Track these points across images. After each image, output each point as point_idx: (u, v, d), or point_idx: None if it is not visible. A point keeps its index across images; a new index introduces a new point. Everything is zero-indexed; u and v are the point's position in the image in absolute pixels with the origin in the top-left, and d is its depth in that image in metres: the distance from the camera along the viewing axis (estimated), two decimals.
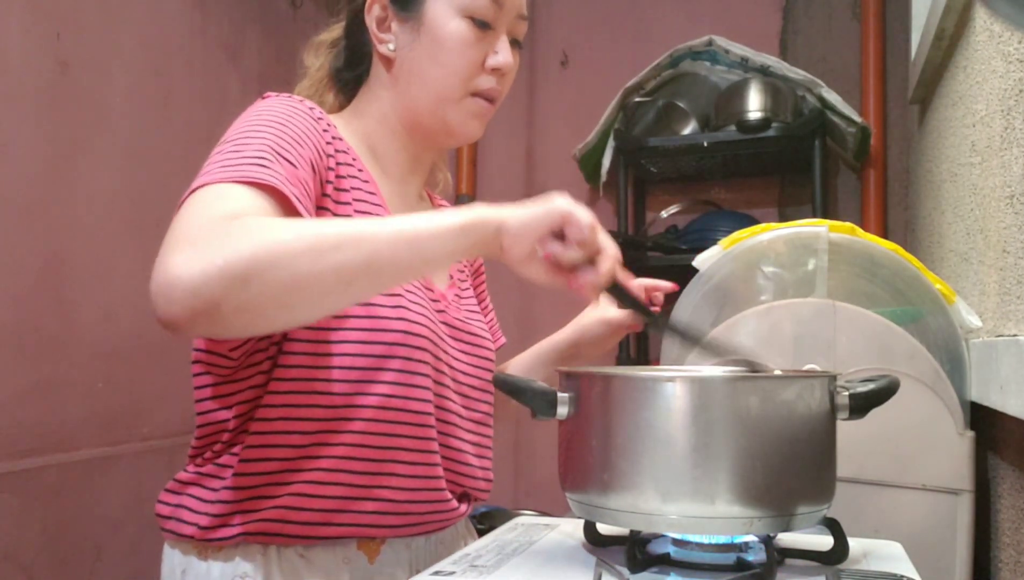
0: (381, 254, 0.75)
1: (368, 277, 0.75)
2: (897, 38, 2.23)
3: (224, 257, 0.68)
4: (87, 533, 1.80)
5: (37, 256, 1.70)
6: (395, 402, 0.89)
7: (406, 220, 0.77)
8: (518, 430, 2.56)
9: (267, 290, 0.69)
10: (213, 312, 0.68)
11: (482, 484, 1.03)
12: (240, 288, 0.68)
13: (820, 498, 0.75)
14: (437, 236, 0.77)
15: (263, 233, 0.71)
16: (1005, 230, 0.96)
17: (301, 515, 0.86)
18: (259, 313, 0.71)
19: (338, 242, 0.73)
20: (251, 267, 0.68)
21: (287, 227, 0.73)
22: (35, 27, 1.71)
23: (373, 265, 0.74)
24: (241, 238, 0.70)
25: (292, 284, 0.71)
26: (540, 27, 2.62)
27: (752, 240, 1.19)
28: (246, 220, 0.72)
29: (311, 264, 0.71)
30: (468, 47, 0.94)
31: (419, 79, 0.96)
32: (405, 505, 0.91)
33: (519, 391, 0.80)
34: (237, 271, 0.68)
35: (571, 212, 0.79)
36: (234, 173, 0.77)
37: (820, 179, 2.07)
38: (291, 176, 0.80)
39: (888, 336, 1.04)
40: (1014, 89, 0.95)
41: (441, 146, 1.04)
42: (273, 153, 0.80)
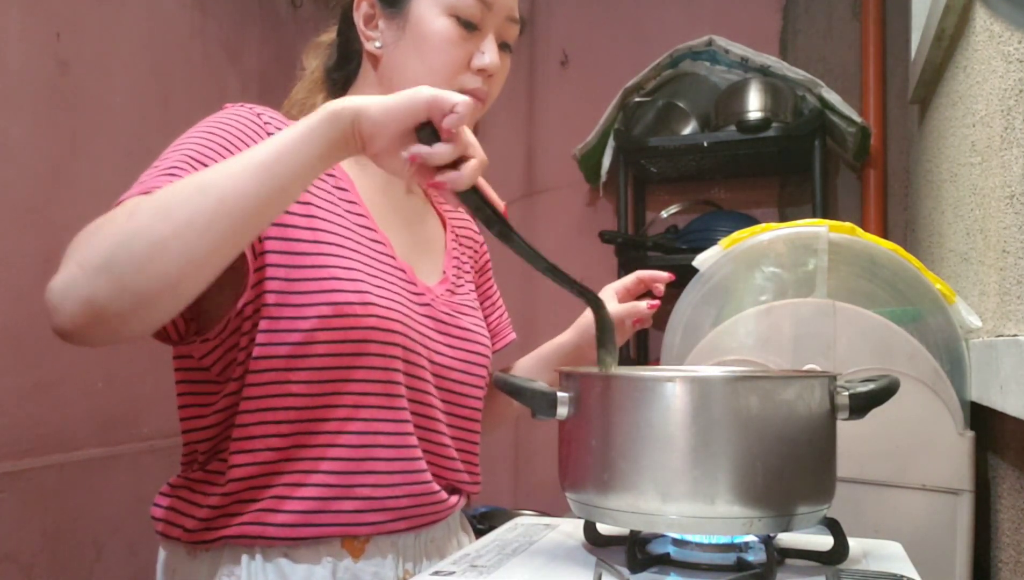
0: (230, 192, 0.71)
1: (227, 219, 0.71)
2: (897, 38, 2.23)
3: (83, 255, 0.69)
4: (87, 533, 1.80)
5: (37, 256, 1.70)
6: (369, 399, 0.89)
7: (255, 148, 0.74)
8: (518, 430, 2.56)
9: (130, 267, 0.68)
10: (91, 310, 0.68)
11: (467, 479, 1.02)
12: (103, 276, 0.68)
13: (820, 498, 0.75)
14: (288, 149, 0.73)
15: (113, 220, 0.71)
16: (1005, 230, 0.96)
17: (280, 517, 0.87)
18: (134, 294, 0.69)
19: (183, 197, 0.71)
20: (106, 252, 0.68)
21: (136, 202, 0.72)
22: (35, 27, 1.71)
23: (227, 204, 0.71)
24: (96, 233, 0.70)
25: (151, 253, 0.69)
26: (540, 27, 2.62)
27: (752, 240, 1.19)
28: (105, 217, 0.72)
29: (162, 227, 0.69)
30: (452, 46, 0.94)
31: (403, 76, 0.96)
32: (387, 501, 0.91)
33: (519, 391, 0.80)
34: (95, 261, 0.68)
35: (440, 97, 0.74)
36: (140, 187, 0.78)
37: (820, 179, 2.07)
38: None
39: (888, 336, 1.04)
40: (1014, 89, 0.95)
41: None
42: (188, 161, 0.81)
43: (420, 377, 0.95)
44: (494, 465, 2.53)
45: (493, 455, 2.53)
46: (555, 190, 2.59)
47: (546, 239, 2.56)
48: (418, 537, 0.96)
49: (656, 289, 1.13)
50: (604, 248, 2.30)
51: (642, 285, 1.10)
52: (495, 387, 0.86)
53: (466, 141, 0.76)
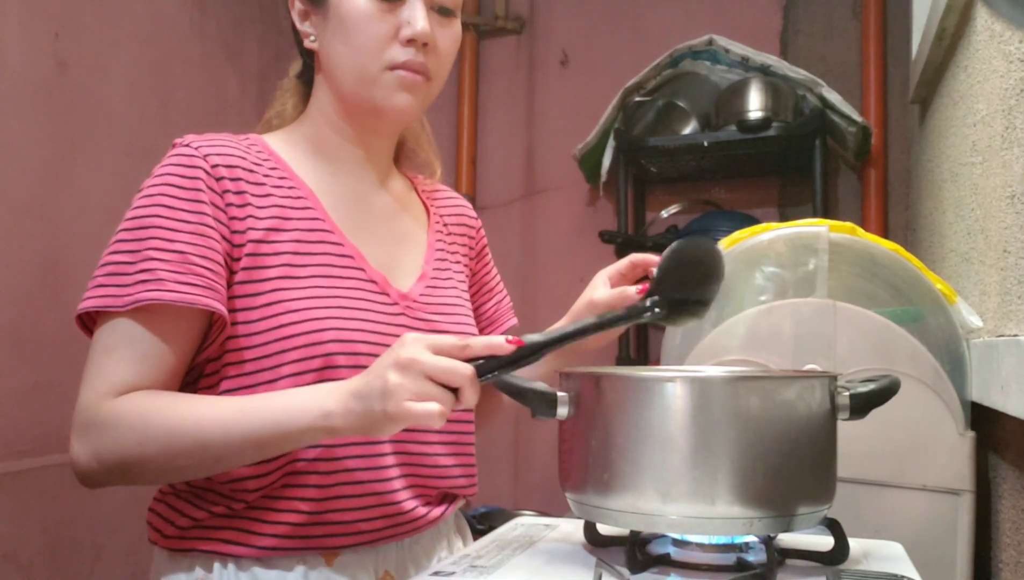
0: (230, 457, 0.83)
1: (223, 467, 0.85)
2: (897, 38, 2.23)
3: (100, 456, 0.84)
4: (87, 533, 1.80)
5: (37, 256, 1.70)
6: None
7: (256, 424, 0.81)
8: (518, 430, 2.56)
9: (141, 479, 0.86)
10: (108, 484, 0.86)
11: (463, 482, 1.01)
12: (119, 477, 0.85)
13: (820, 498, 0.75)
14: (283, 440, 0.81)
15: (126, 436, 0.83)
16: (1006, 230, 0.96)
17: (256, 539, 0.88)
18: (143, 482, 0.88)
19: (186, 447, 0.82)
20: (121, 463, 0.84)
21: (146, 428, 0.83)
22: (34, 27, 1.71)
23: (222, 463, 0.84)
24: (111, 439, 0.84)
25: (158, 475, 0.88)
26: (540, 27, 2.62)
27: (752, 240, 1.19)
28: (117, 415, 0.84)
29: (166, 464, 0.84)
30: (372, 21, 0.91)
31: (337, 64, 0.95)
32: (360, 524, 0.90)
33: (519, 392, 0.79)
34: (111, 465, 0.84)
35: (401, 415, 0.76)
36: (123, 299, 0.86)
37: (820, 179, 2.07)
38: (180, 266, 0.86)
39: (888, 336, 1.04)
40: (1015, 89, 0.95)
41: (382, 129, 1.01)
42: (159, 252, 0.86)
43: None
44: (494, 465, 2.53)
45: (493, 455, 2.53)
46: (555, 190, 2.59)
47: (546, 239, 2.56)
48: (400, 545, 0.95)
49: (651, 273, 1.11)
50: (604, 248, 2.30)
51: (637, 269, 1.07)
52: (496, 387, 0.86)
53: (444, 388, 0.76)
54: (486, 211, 2.61)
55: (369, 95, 0.94)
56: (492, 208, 2.61)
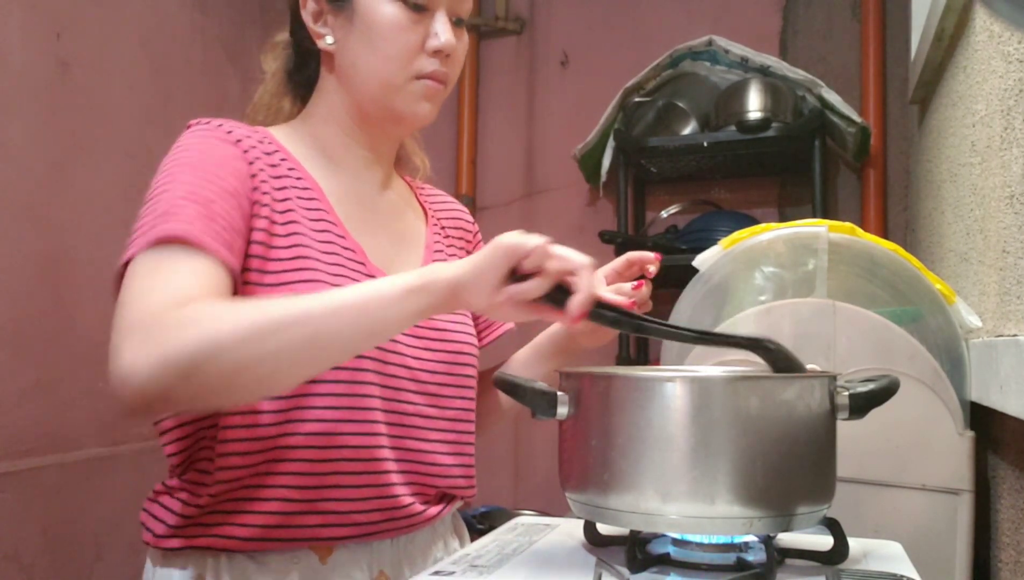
0: (325, 331, 0.75)
1: (315, 354, 0.77)
2: (897, 38, 2.23)
3: (166, 355, 0.72)
4: (87, 533, 1.80)
5: (37, 256, 1.70)
6: (336, 414, 0.88)
7: (352, 291, 0.77)
8: (518, 430, 2.56)
9: (211, 379, 0.73)
10: (166, 400, 0.75)
11: (461, 483, 1.01)
12: (184, 381, 0.72)
13: (820, 498, 0.75)
14: (384, 305, 0.77)
15: (203, 325, 0.73)
16: (1005, 230, 0.96)
17: (245, 531, 0.87)
18: (210, 397, 0.76)
19: (279, 324, 0.74)
20: (192, 361, 0.72)
21: (227, 314, 0.75)
22: (35, 27, 1.71)
23: (318, 342, 0.75)
24: (181, 331, 0.73)
25: (235, 371, 0.73)
26: (540, 27, 2.62)
27: (752, 240, 1.19)
28: (186, 310, 0.75)
29: (253, 348, 0.73)
30: (403, 31, 0.92)
31: (359, 70, 0.94)
32: (353, 515, 0.90)
33: (519, 391, 0.79)
34: (180, 366, 0.72)
35: (515, 245, 0.76)
36: (153, 235, 0.80)
37: (820, 179, 2.07)
38: (206, 215, 0.82)
39: (888, 336, 1.04)
40: (1014, 89, 0.95)
41: (395, 134, 1.02)
42: (185, 199, 0.82)
43: (398, 387, 0.93)
44: (494, 465, 2.53)
45: (493, 455, 2.53)
46: (555, 190, 2.59)
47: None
48: (395, 542, 0.95)
49: (647, 271, 1.09)
50: (604, 248, 2.30)
51: (633, 267, 1.06)
52: (496, 387, 0.86)
53: (557, 269, 0.76)
54: (486, 211, 2.61)
55: (392, 102, 0.95)
56: (492, 208, 2.61)
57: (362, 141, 1.00)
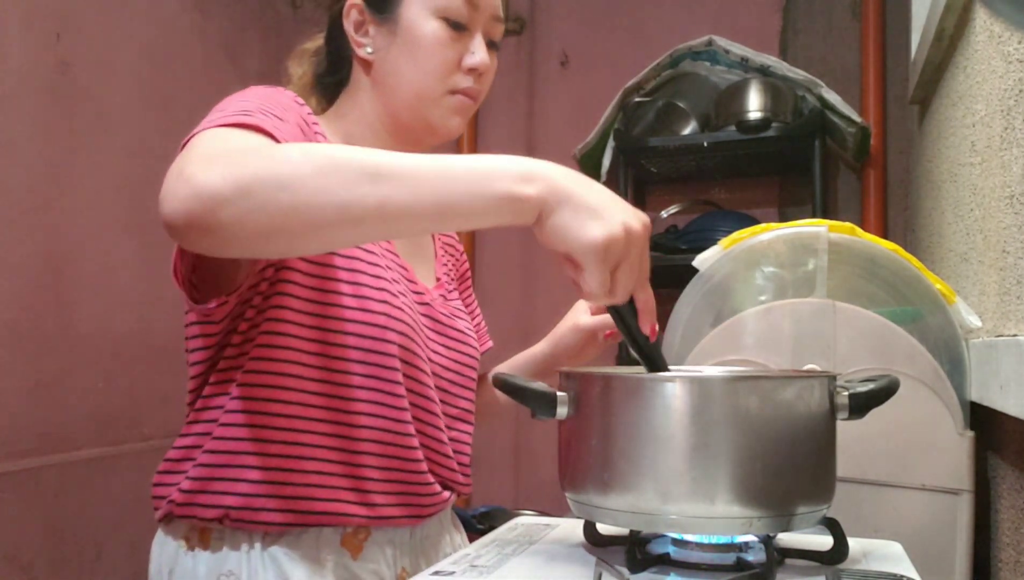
0: (399, 198, 0.69)
1: (378, 220, 0.70)
2: (897, 38, 2.23)
3: (232, 168, 0.68)
4: (87, 533, 1.80)
5: (37, 256, 1.70)
6: (371, 382, 0.91)
7: (443, 164, 0.70)
8: (518, 430, 2.56)
9: (268, 206, 0.67)
10: (211, 219, 0.68)
11: (459, 478, 1.04)
12: (241, 198, 0.67)
13: (820, 498, 0.75)
14: (468, 201, 0.70)
15: (272, 152, 0.71)
16: (1005, 230, 0.96)
17: (282, 489, 0.88)
18: (255, 229, 0.69)
19: (353, 176, 0.69)
20: (256, 179, 0.68)
21: (301, 149, 0.71)
22: (35, 27, 1.71)
23: (386, 209, 0.69)
24: (252, 156, 0.70)
25: (293, 207, 0.68)
26: (540, 27, 2.62)
27: (752, 240, 1.19)
28: (259, 146, 0.74)
29: (317, 192, 0.68)
30: (443, 47, 0.97)
31: (397, 80, 0.99)
32: (384, 484, 0.92)
33: (519, 391, 0.80)
34: (242, 181, 0.67)
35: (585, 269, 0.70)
36: (225, 120, 0.78)
37: (820, 179, 2.07)
38: (280, 127, 0.82)
39: (888, 336, 1.04)
40: (1014, 89, 0.95)
41: (424, 144, 1.05)
42: (258, 109, 0.82)
43: (421, 370, 0.97)
44: (494, 465, 2.53)
45: (493, 455, 2.53)
46: None
47: None
48: (413, 534, 0.97)
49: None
50: None
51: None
52: (494, 386, 0.86)
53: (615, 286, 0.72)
54: None
55: (426, 113, 0.99)
56: None
57: (391, 146, 1.01)
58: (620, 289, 0.72)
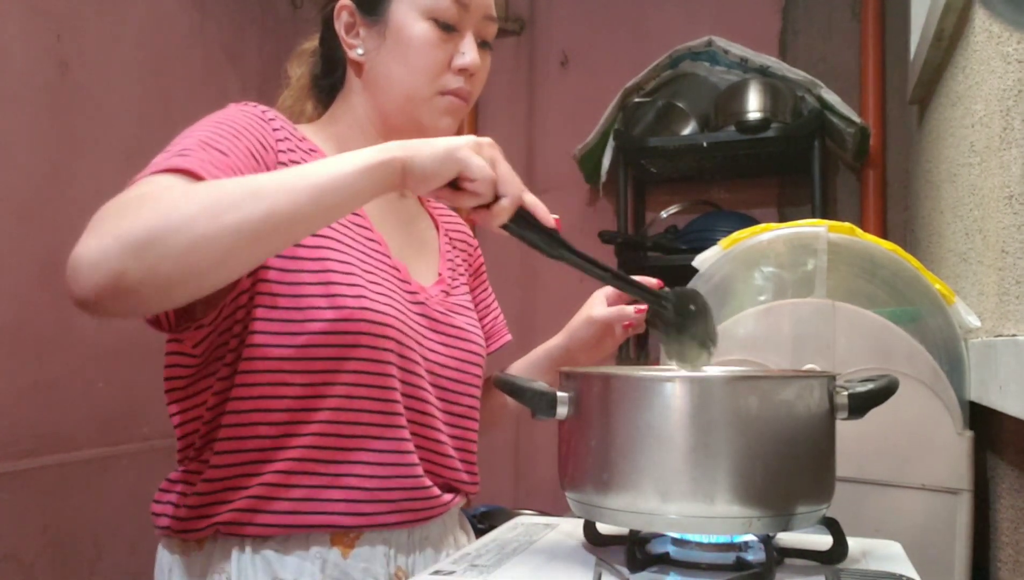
0: (281, 207, 0.74)
1: (272, 231, 0.74)
2: (897, 38, 2.23)
3: (120, 229, 0.69)
4: (87, 533, 1.80)
5: (37, 256, 1.70)
6: (362, 390, 0.90)
7: (308, 168, 0.77)
8: (518, 430, 2.56)
9: (168, 255, 0.69)
10: (118, 285, 0.69)
11: (465, 478, 1.02)
12: (139, 256, 0.69)
13: (819, 498, 0.75)
14: (340, 181, 0.76)
15: (158, 201, 0.72)
16: (1004, 230, 0.97)
17: (272, 504, 0.88)
18: (165, 279, 0.71)
19: (235, 200, 0.72)
20: (147, 234, 0.69)
21: (184, 191, 0.74)
22: (35, 28, 1.71)
23: (274, 218, 0.73)
24: (138, 209, 0.71)
25: (192, 246, 0.70)
26: (540, 27, 2.62)
27: (752, 240, 1.19)
28: (145, 193, 0.74)
29: (208, 224, 0.70)
30: (433, 48, 0.96)
31: (388, 81, 0.98)
32: (378, 492, 0.91)
33: (519, 391, 0.80)
34: (133, 239, 0.69)
35: (466, 165, 0.80)
36: (153, 168, 0.79)
37: (820, 179, 2.07)
38: (217, 162, 0.81)
39: (887, 336, 1.04)
40: (1013, 89, 0.95)
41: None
42: (200, 145, 0.82)
43: (415, 373, 0.95)
44: (494, 465, 2.53)
45: (493, 455, 2.53)
46: (555, 190, 2.59)
47: None
48: (411, 533, 0.96)
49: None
50: (604, 248, 2.30)
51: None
52: (495, 387, 0.86)
53: (493, 190, 0.83)
54: None
55: (417, 114, 0.99)
56: None
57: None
58: (510, 182, 0.84)
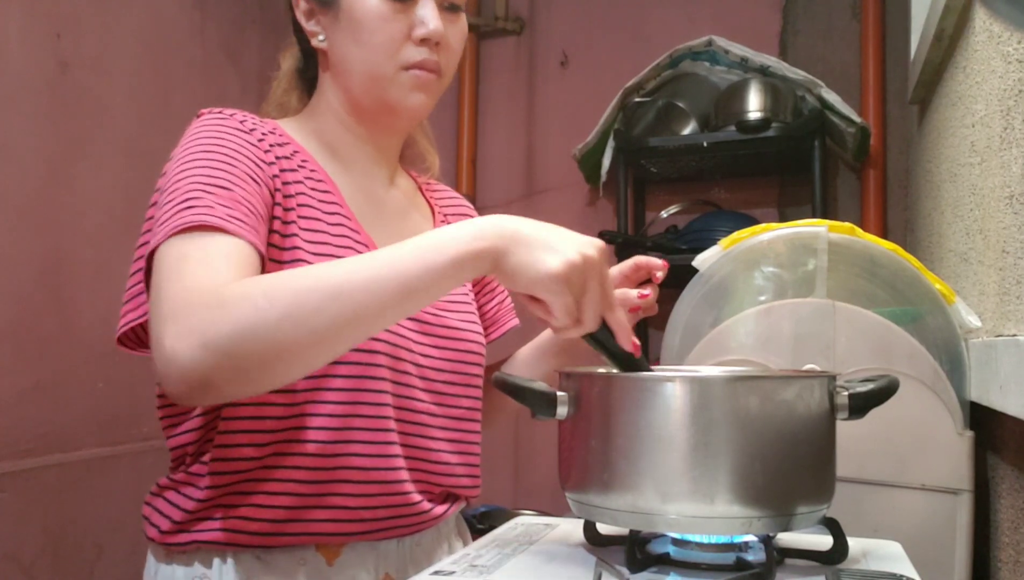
0: (366, 309, 0.73)
1: (355, 330, 0.75)
2: (897, 38, 2.23)
3: (207, 336, 0.71)
4: (87, 533, 1.80)
5: (37, 256, 1.70)
6: (347, 408, 0.88)
7: (393, 254, 0.75)
8: (518, 430, 2.56)
9: (252, 360, 0.72)
10: (208, 386, 0.72)
11: (466, 482, 1.01)
12: (225, 364, 0.71)
13: (820, 498, 0.75)
14: (430, 276, 0.74)
15: (240, 305, 0.72)
16: (1004, 230, 0.97)
17: (253, 525, 0.87)
18: (253, 379, 0.74)
19: (317, 303, 0.72)
20: (231, 342, 0.71)
21: (264, 291, 0.73)
22: (35, 27, 1.71)
23: (358, 319, 0.73)
24: (220, 313, 0.72)
25: (277, 353, 0.72)
26: (540, 27, 2.62)
27: (752, 240, 1.19)
28: (224, 292, 0.73)
29: (292, 331, 0.72)
30: (386, 21, 0.91)
31: (349, 64, 0.95)
32: (362, 511, 0.90)
33: (518, 391, 0.80)
34: (220, 348, 0.71)
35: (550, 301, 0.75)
36: (175, 225, 0.78)
37: (820, 179, 2.07)
38: (229, 203, 0.80)
39: (888, 336, 1.04)
40: (1013, 89, 0.95)
41: (394, 128, 1.01)
42: (203, 188, 0.81)
43: (408, 383, 0.93)
44: (494, 465, 2.53)
45: (493, 455, 2.53)
46: (555, 190, 2.59)
47: None
48: (401, 543, 0.94)
49: (654, 276, 1.07)
50: None
51: (641, 272, 1.05)
52: (493, 386, 0.86)
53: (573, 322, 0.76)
54: (486, 211, 2.59)
55: (384, 95, 0.94)
56: (492, 208, 2.61)
57: (363, 136, 1.00)
58: (588, 317, 0.76)
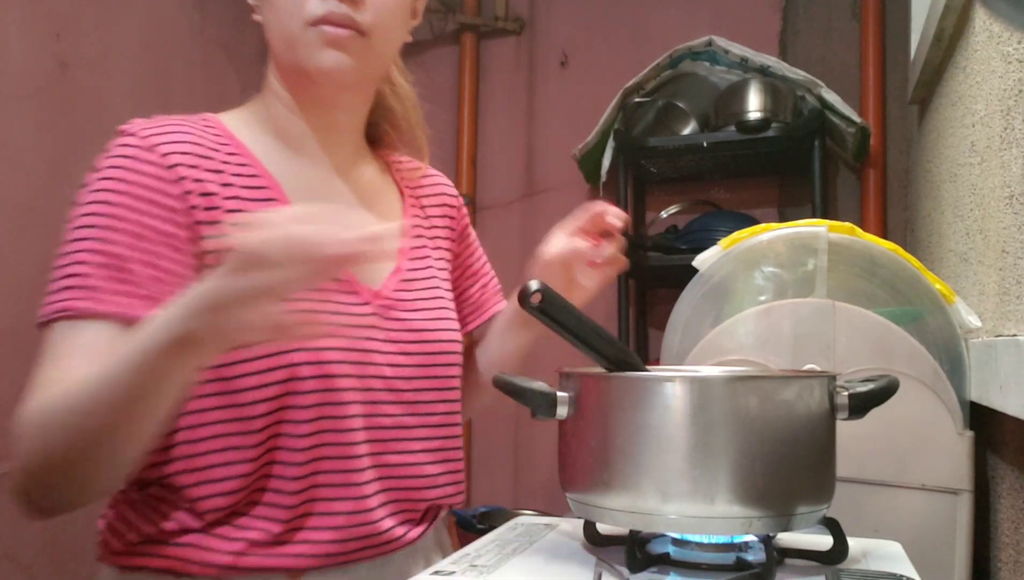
0: (126, 422, 0.75)
1: (132, 439, 0.76)
2: (897, 38, 2.23)
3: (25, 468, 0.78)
4: (87, 533, 1.80)
5: (37, 256, 1.70)
6: (314, 439, 0.85)
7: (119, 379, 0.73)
8: (518, 430, 2.56)
9: (53, 489, 0.80)
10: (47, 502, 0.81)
11: (450, 490, 0.97)
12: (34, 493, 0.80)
13: (820, 498, 0.75)
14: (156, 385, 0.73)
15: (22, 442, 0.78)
16: (1004, 230, 0.96)
17: (211, 556, 0.83)
18: (68, 495, 0.81)
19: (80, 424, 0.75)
20: (26, 477, 0.78)
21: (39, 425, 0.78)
22: (35, 27, 1.71)
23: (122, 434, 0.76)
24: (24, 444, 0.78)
25: (64, 478, 0.78)
26: (540, 27, 2.62)
27: (752, 240, 1.19)
28: (22, 421, 0.79)
29: (71, 456, 0.76)
30: None
31: (269, 32, 0.90)
32: (330, 545, 0.86)
33: (519, 392, 0.79)
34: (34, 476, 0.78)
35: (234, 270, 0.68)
36: (52, 309, 0.83)
37: (820, 179, 2.07)
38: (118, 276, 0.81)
39: (888, 336, 1.04)
40: (1013, 89, 0.95)
41: (321, 98, 0.93)
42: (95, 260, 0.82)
43: (375, 400, 0.89)
44: (494, 465, 2.53)
45: (493, 455, 2.53)
46: (555, 190, 2.59)
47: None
48: (372, 564, 0.90)
49: (612, 227, 1.01)
50: None
51: (598, 221, 0.99)
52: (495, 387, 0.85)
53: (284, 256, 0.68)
54: (486, 211, 2.62)
55: (295, 56, 0.88)
56: (492, 208, 2.62)
57: (309, 118, 0.94)
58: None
